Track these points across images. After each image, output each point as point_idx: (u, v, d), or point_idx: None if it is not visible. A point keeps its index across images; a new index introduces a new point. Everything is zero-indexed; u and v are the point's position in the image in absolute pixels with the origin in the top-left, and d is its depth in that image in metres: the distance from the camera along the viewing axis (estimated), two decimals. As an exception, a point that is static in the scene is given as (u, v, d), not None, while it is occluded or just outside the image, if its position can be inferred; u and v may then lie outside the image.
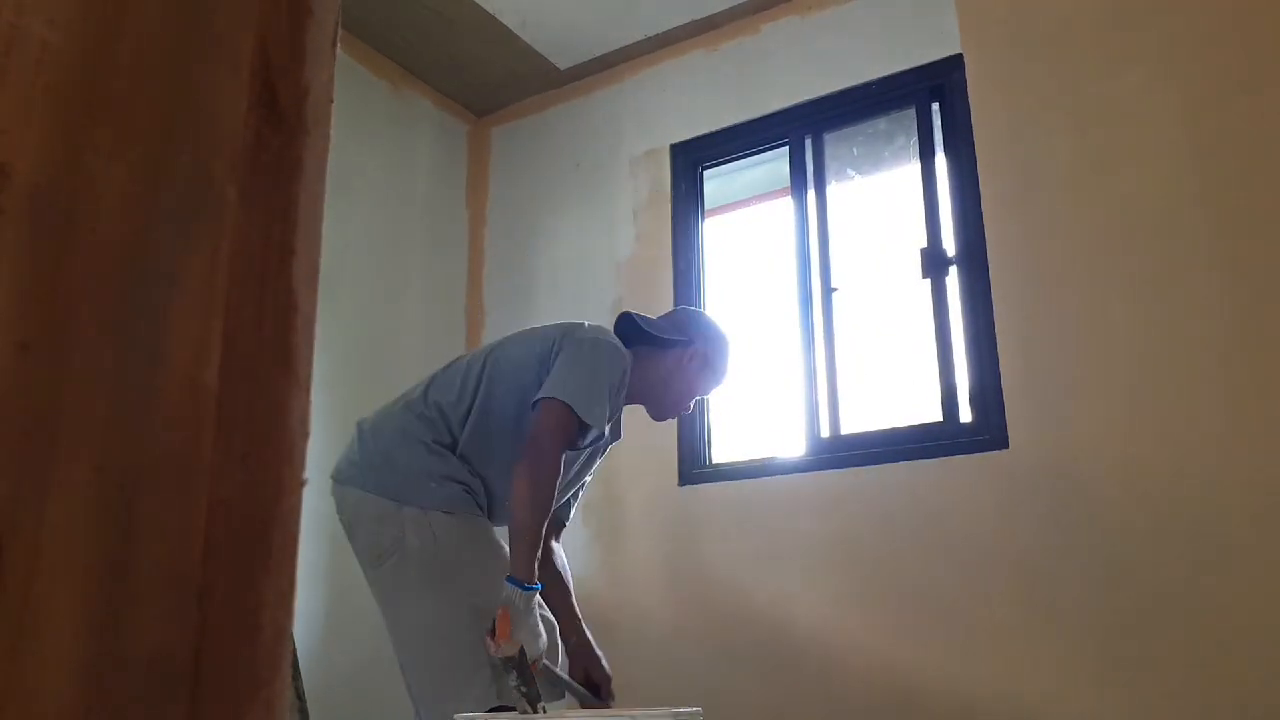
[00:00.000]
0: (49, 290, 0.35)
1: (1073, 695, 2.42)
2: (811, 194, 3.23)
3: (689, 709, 1.77)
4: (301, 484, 0.42)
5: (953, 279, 2.88)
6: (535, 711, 1.78)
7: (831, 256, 3.12)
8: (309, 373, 0.43)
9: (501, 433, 1.99)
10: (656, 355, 2.13)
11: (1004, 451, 2.64)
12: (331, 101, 0.46)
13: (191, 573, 0.37)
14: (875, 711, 2.65)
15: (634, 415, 3.32)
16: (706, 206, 3.50)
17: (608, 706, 2.08)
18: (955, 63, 2.98)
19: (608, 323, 2.20)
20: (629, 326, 2.15)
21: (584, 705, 2.08)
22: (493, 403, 2.00)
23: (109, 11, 0.38)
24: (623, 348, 2.03)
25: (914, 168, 3.07)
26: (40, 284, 0.34)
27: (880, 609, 2.71)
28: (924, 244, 2.94)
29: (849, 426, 2.97)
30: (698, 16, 3.43)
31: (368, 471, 1.98)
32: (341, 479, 2.02)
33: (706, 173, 3.51)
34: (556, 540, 2.21)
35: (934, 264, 2.91)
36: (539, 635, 1.82)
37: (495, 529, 2.04)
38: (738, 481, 3.07)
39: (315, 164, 0.45)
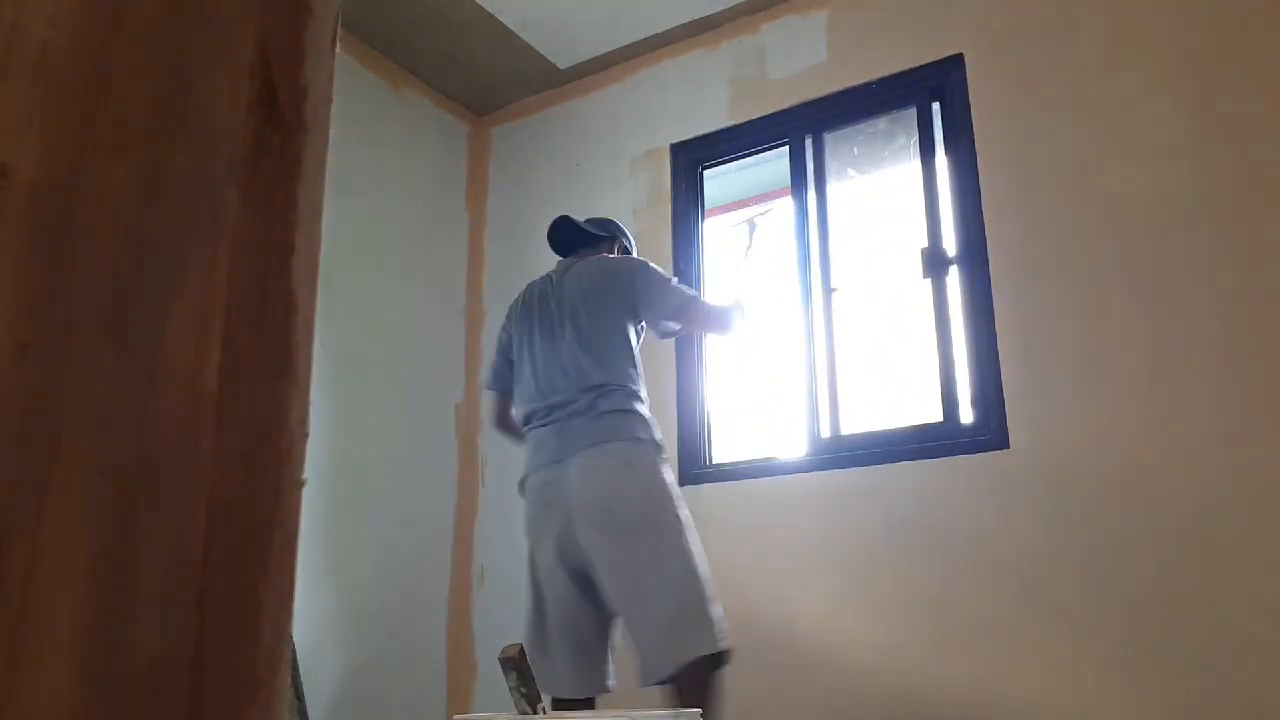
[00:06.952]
0: (49, 290, 0.35)
1: (1073, 694, 2.42)
2: (812, 194, 3.22)
3: (689, 709, 1.77)
4: (301, 484, 0.42)
5: (953, 279, 2.88)
6: (535, 712, 1.78)
7: (832, 256, 3.12)
8: (309, 373, 0.43)
9: None
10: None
11: (1004, 451, 2.64)
12: (331, 101, 0.46)
13: (191, 573, 0.37)
14: (875, 711, 2.65)
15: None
16: (706, 206, 3.50)
17: None
18: (955, 63, 2.98)
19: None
20: (567, 228, 2.71)
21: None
22: None
23: (109, 11, 0.38)
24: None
25: (914, 167, 3.07)
26: (40, 284, 0.34)
27: (880, 609, 2.71)
28: (924, 244, 2.94)
29: (849, 427, 2.97)
30: (698, 16, 3.43)
31: None
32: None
33: (706, 173, 3.51)
34: None
35: (934, 264, 2.90)
36: None
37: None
38: (738, 481, 3.06)
39: (315, 164, 0.45)
